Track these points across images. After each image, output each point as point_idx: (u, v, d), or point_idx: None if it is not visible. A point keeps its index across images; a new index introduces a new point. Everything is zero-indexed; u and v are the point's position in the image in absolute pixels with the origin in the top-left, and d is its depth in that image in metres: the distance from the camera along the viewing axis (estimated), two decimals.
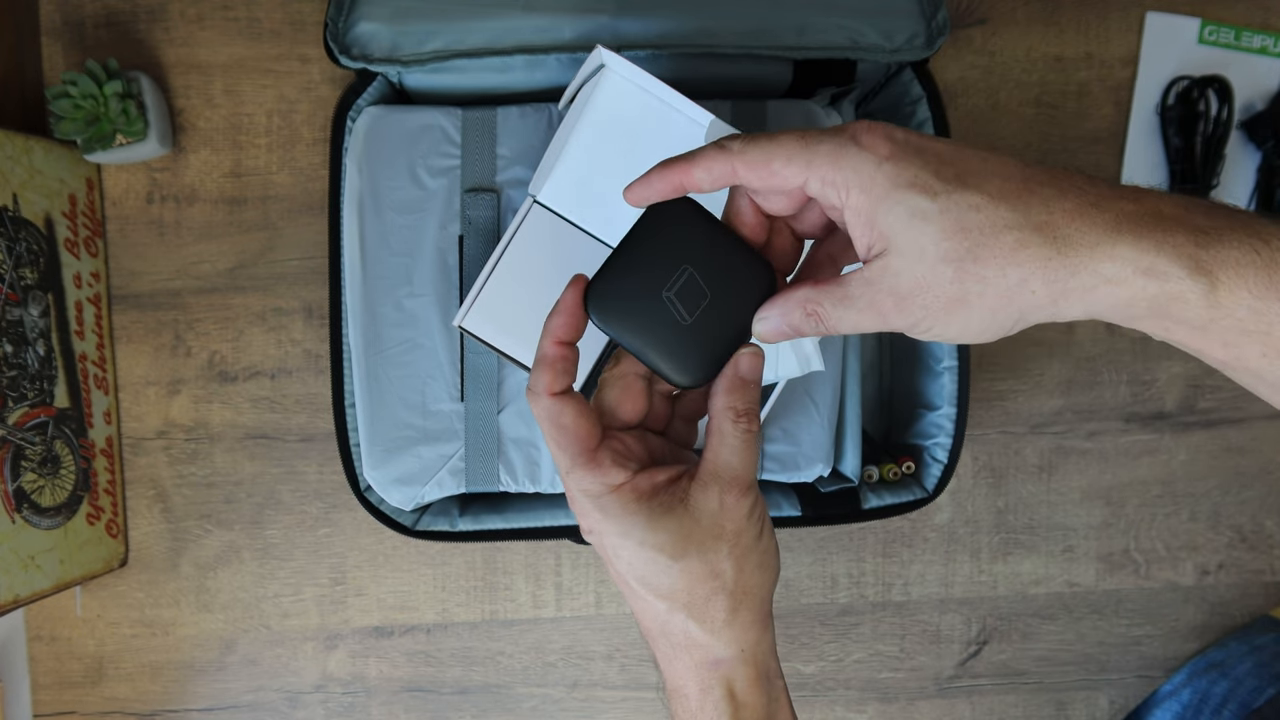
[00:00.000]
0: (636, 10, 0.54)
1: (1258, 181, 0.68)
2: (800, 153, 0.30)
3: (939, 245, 0.28)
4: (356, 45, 0.55)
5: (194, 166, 0.66)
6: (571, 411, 0.33)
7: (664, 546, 0.33)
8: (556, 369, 0.33)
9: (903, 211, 0.29)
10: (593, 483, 0.33)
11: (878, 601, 0.70)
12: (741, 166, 0.31)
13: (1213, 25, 0.68)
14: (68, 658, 0.68)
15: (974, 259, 0.28)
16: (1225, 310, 0.27)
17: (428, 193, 0.55)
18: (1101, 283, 0.28)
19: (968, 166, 0.29)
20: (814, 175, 0.30)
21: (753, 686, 0.34)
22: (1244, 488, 0.70)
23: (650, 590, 0.34)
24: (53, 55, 0.66)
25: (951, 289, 0.29)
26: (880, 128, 0.30)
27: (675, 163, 0.33)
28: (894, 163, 0.29)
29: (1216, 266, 0.27)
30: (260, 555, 0.68)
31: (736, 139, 0.32)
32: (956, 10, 0.67)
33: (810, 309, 0.32)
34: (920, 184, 0.29)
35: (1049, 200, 0.28)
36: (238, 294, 0.66)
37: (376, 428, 0.55)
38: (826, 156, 0.30)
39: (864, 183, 0.29)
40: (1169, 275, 0.27)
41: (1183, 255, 0.27)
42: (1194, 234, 0.27)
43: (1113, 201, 0.28)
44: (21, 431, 0.59)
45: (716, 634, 0.34)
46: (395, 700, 0.69)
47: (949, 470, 0.60)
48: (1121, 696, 0.71)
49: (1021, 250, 0.28)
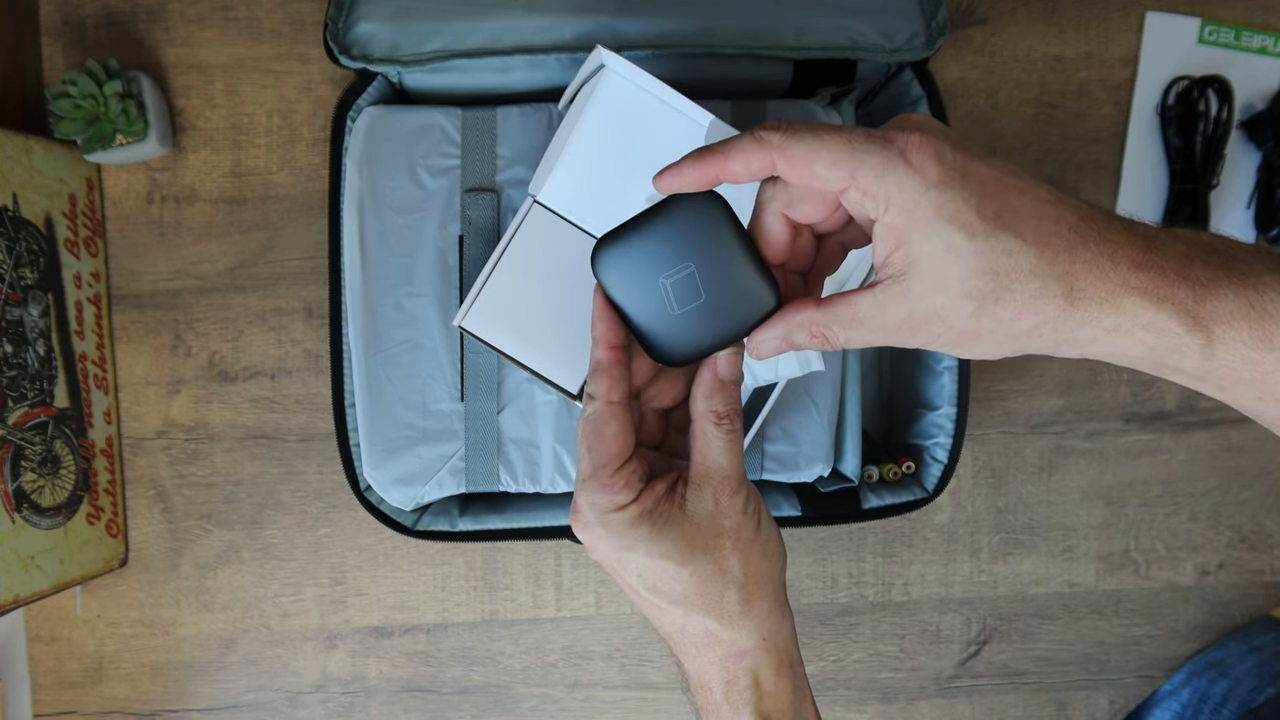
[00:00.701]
0: (636, 10, 0.54)
1: (1258, 181, 0.68)
2: (846, 158, 0.30)
3: (965, 283, 0.29)
4: (356, 45, 0.55)
5: (194, 166, 0.66)
6: (617, 424, 0.34)
7: (669, 554, 0.34)
8: (614, 375, 0.34)
9: (939, 243, 0.29)
10: (602, 498, 0.34)
11: (878, 601, 0.70)
12: (782, 161, 0.31)
13: (1213, 25, 0.68)
14: (68, 658, 0.68)
15: (995, 300, 0.29)
16: (1220, 361, 0.29)
17: (428, 193, 0.55)
18: (1104, 334, 0.29)
19: (1008, 202, 0.29)
20: (856, 185, 0.30)
21: (777, 674, 0.35)
22: (1244, 488, 0.70)
23: (663, 598, 0.35)
24: (53, 55, 0.66)
25: (968, 324, 0.29)
26: (930, 144, 0.29)
27: (710, 153, 0.32)
28: (940, 190, 0.29)
29: (1213, 321, 0.28)
30: (260, 555, 0.68)
31: (777, 130, 0.31)
32: (956, 10, 0.67)
33: (816, 331, 0.32)
34: (961, 220, 0.29)
35: (1074, 248, 0.29)
36: (238, 294, 0.66)
37: (376, 428, 0.55)
38: (873, 170, 0.29)
39: (906, 205, 0.29)
40: (1168, 331, 0.28)
41: (1181, 311, 0.28)
42: (1192, 288, 0.28)
43: (1126, 250, 0.29)
44: (21, 431, 0.59)
45: (735, 627, 0.34)
46: (395, 700, 0.69)
47: (949, 470, 0.60)
48: (1121, 696, 0.71)
49: (1041, 300, 0.29)
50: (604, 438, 0.34)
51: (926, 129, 0.30)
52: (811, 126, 0.31)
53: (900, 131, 0.30)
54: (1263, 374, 0.29)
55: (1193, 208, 0.67)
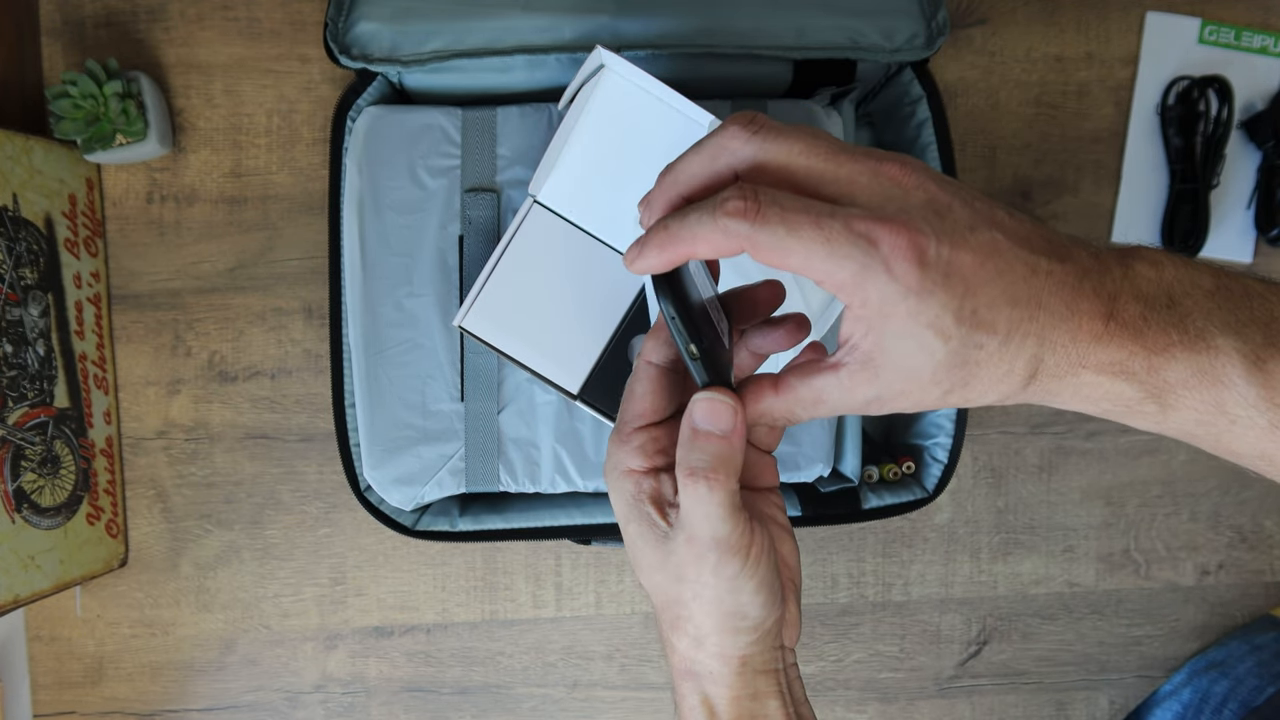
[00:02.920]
0: (636, 10, 0.54)
1: (1258, 181, 0.68)
2: (821, 259, 0.29)
3: (935, 374, 0.30)
4: (356, 45, 0.54)
5: (194, 166, 0.66)
6: (646, 383, 0.34)
7: (643, 552, 0.34)
8: (659, 338, 0.35)
9: (912, 345, 0.29)
10: (616, 453, 0.34)
11: (878, 601, 0.70)
12: (751, 251, 0.30)
13: (1213, 25, 0.68)
14: (68, 658, 0.68)
15: (964, 385, 0.30)
16: (1174, 424, 0.30)
17: (428, 193, 0.55)
18: (1068, 396, 0.31)
19: (985, 296, 0.29)
20: (829, 284, 0.29)
21: (731, 705, 0.34)
22: (1244, 488, 0.70)
23: (641, 578, 0.35)
24: (53, 55, 0.66)
25: (935, 402, 0.31)
26: (915, 244, 0.28)
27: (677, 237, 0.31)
28: (919, 298, 0.28)
29: (1165, 390, 0.29)
30: (260, 555, 0.68)
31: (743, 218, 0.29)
32: (956, 10, 0.67)
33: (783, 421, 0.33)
34: (938, 326, 0.29)
35: (1043, 332, 0.29)
36: (238, 294, 0.66)
37: (376, 428, 0.55)
38: (851, 275, 0.29)
39: (885, 308, 0.29)
40: (1125, 397, 0.30)
41: (1136, 382, 0.30)
42: (1148, 356, 0.29)
43: (1089, 323, 0.30)
44: (21, 431, 0.59)
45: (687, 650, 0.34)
46: (395, 700, 0.69)
47: (949, 470, 0.60)
48: (1122, 696, 0.71)
49: (1006, 381, 0.30)
50: (632, 394, 0.35)
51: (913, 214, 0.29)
52: (783, 213, 0.29)
53: (885, 225, 0.28)
54: (1215, 436, 0.30)
55: (1193, 208, 0.67)
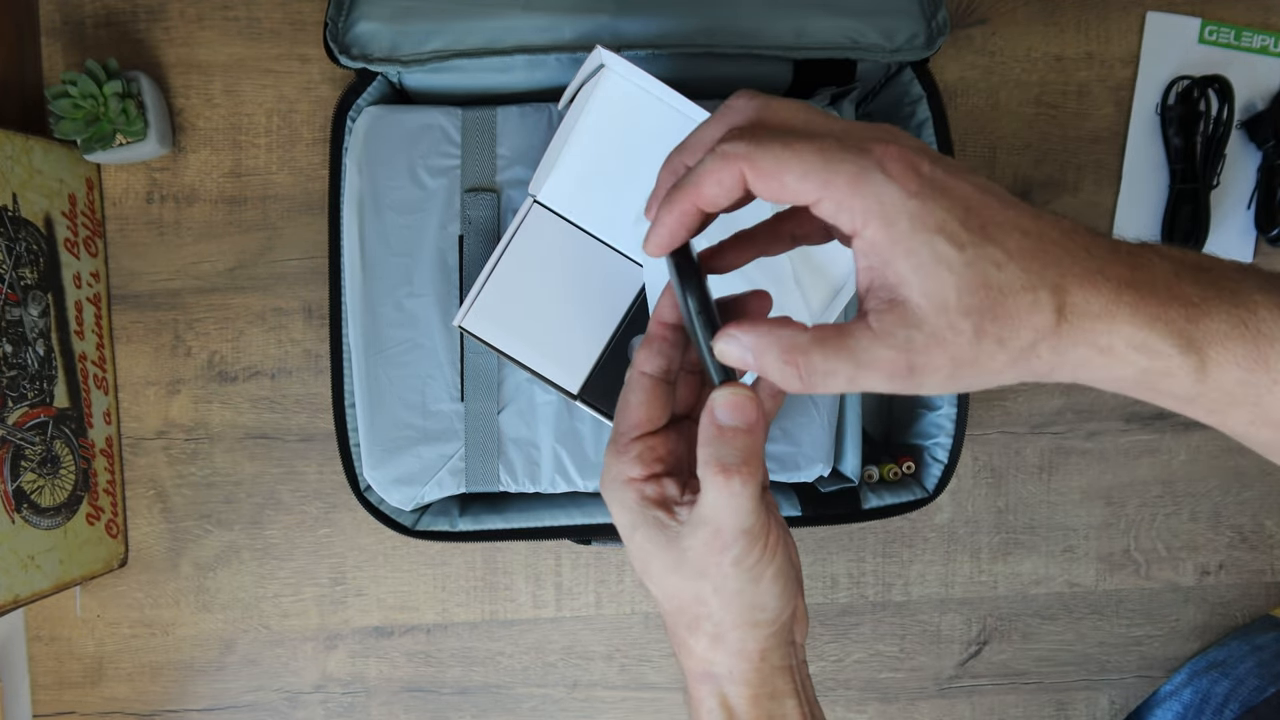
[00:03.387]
0: (636, 10, 0.54)
1: (1258, 181, 0.68)
2: (819, 170, 0.28)
3: (962, 299, 0.27)
4: (356, 45, 0.54)
5: (194, 166, 0.66)
6: (640, 394, 0.34)
7: (655, 557, 0.33)
8: (652, 348, 0.34)
9: (927, 256, 0.27)
10: (615, 464, 0.34)
11: (878, 601, 0.70)
12: (751, 173, 0.29)
13: (1213, 25, 0.68)
14: (67, 658, 0.68)
15: (993, 317, 0.27)
16: (1213, 384, 0.28)
17: (428, 193, 0.55)
18: (1096, 354, 0.28)
19: (991, 216, 0.28)
20: (829, 197, 0.28)
21: (751, 705, 0.33)
22: (1244, 488, 0.70)
23: (651, 586, 0.34)
24: (53, 55, 0.66)
25: (969, 350, 0.27)
26: (907, 156, 0.28)
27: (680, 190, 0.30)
28: (921, 201, 0.27)
29: (1206, 343, 0.27)
30: (260, 555, 0.68)
31: (741, 139, 0.29)
32: (956, 10, 0.67)
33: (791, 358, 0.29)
34: (947, 230, 0.27)
35: (1061, 262, 0.27)
36: (238, 294, 0.66)
37: (376, 428, 0.55)
38: (848, 180, 0.27)
39: (887, 216, 0.27)
40: (1160, 352, 0.27)
41: (1173, 331, 0.27)
42: (1185, 308, 0.27)
43: (1113, 267, 0.27)
44: (21, 431, 0.59)
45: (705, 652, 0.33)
46: (395, 700, 0.69)
47: (949, 470, 0.60)
48: (1122, 696, 0.71)
49: (1036, 313, 0.27)
50: (626, 404, 0.34)
51: (902, 141, 0.28)
52: (780, 134, 0.29)
53: (877, 142, 0.28)
54: (1256, 397, 0.28)
55: (1193, 208, 0.67)
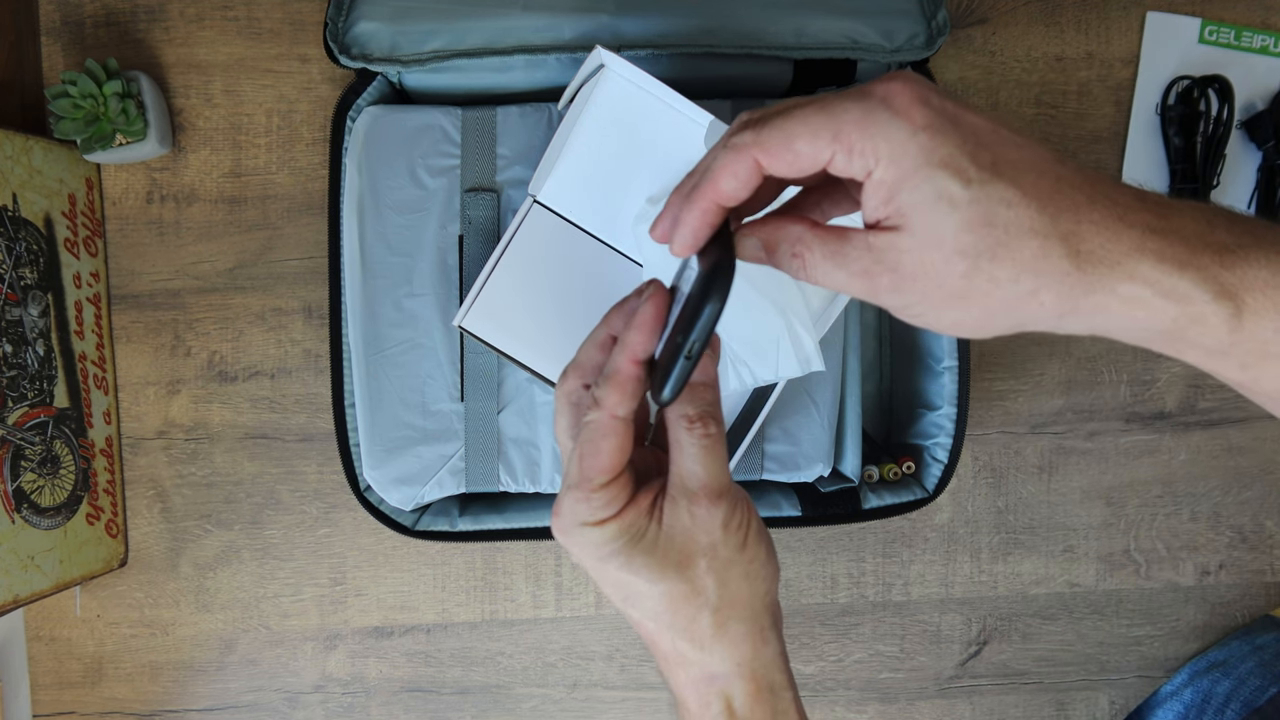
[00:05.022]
0: (636, 10, 0.54)
1: (1258, 181, 0.68)
2: (825, 124, 0.27)
3: (959, 237, 0.26)
4: (356, 45, 0.54)
5: (194, 166, 0.66)
6: (615, 441, 0.32)
7: (640, 570, 0.32)
8: (627, 390, 0.32)
9: (930, 191, 0.26)
10: (584, 509, 0.32)
11: (878, 601, 0.70)
12: (763, 156, 0.28)
13: (1213, 25, 0.68)
14: (67, 658, 0.68)
15: (991, 258, 0.26)
16: (1248, 334, 0.26)
17: (428, 192, 0.55)
18: (1116, 302, 0.26)
19: (1004, 153, 0.27)
20: (841, 147, 0.27)
21: (753, 701, 0.33)
22: (1244, 488, 0.70)
23: (635, 611, 0.33)
24: (53, 55, 0.65)
25: (959, 283, 0.27)
26: (913, 87, 0.27)
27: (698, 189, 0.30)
28: (929, 134, 0.26)
29: (1243, 289, 0.26)
30: (260, 555, 0.68)
31: (747, 128, 0.29)
32: (956, 10, 0.67)
33: (798, 249, 0.29)
34: (954, 165, 0.26)
35: (1078, 207, 0.26)
36: (238, 294, 0.66)
37: (376, 428, 0.55)
38: (855, 124, 0.27)
39: (895, 153, 0.26)
40: (1192, 298, 0.26)
41: (1207, 278, 0.26)
42: (1219, 254, 0.26)
43: (1138, 214, 0.26)
44: (21, 431, 0.59)
45: (706, 650, 0.33)
46: (395, 700, 0.69)
47: (949, 470, 0.60)
48: (1122, 697, 0.71)
49: (1042, 260, 0.26)
50: (599, 451, 0.32)
51: (908, 77, 0.27)
52: (781, 107, 0.28)
53: (880, 83, 0.28)
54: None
55: None
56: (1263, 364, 0.27)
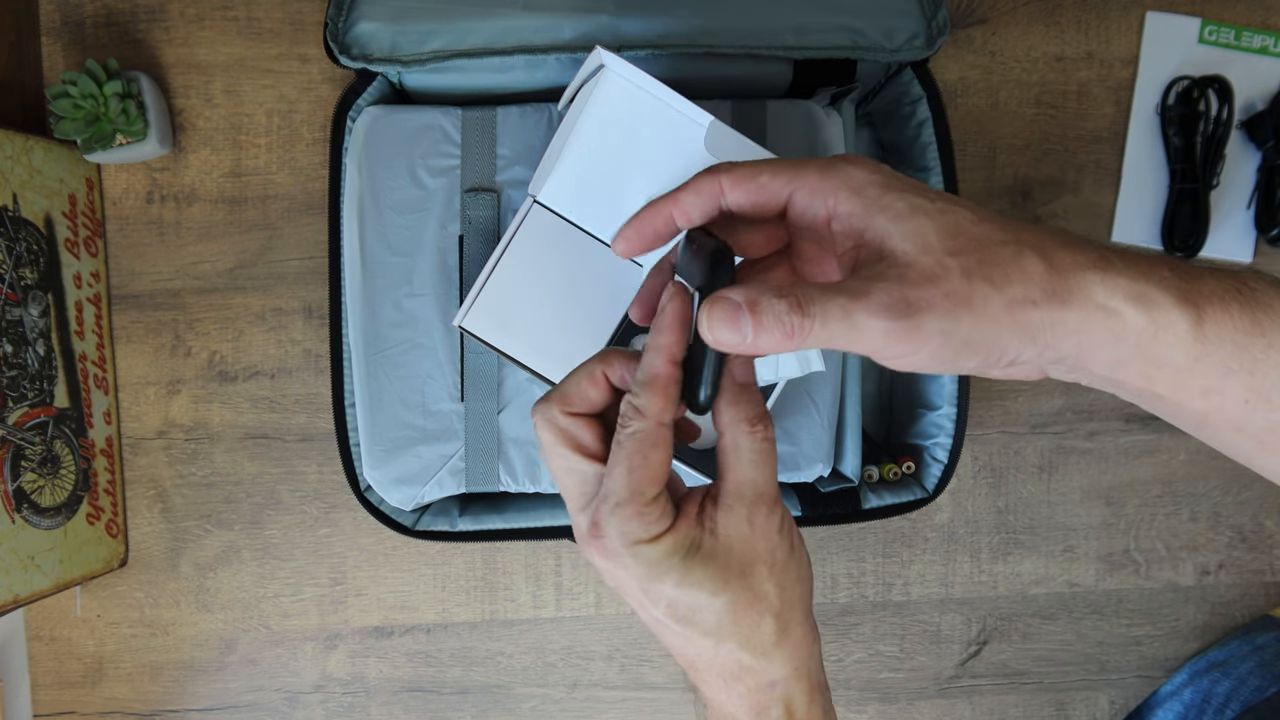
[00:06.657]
0: (636, 10, 0.54)
1: (1258, 181, 0.68)
2: (789, 165, 0.31)
3: (943, 241, 0.28)
4: (356, 45, 0.54)
5: (194, 166, 0.66)
6: (665, 450, 0.31)
7: (702, 584, 0.31)
8: (670, 394, 0.31)
9: (904, 206, 0.29)
10: (637, 527, 0.31)
11: (878, 601, 0.70)
12: (728, 181, 0.32)
13: (1213, 25, 0.68)
14: (67, 658, 0.68)
15: (979, 260, 0.27)
16: (1211, 345, 0.27)
17: (428, 192, 0.55)
18: (1094, 310, 0.27)
19: (952, 200, 0.30)
20: (801, 185, 0.31)
21: (810, 702, 0.33)
22: (1244, 488, 0.70)
23: (694, 629, 0.32)
24: (53, 55, 0.66)
25: (961, 287, 0.27)
26: (868, 160, 0.31)
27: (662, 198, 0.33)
28: (885, 176, 0.30)
29: (1201, 299, 0.27)
30: (260, 555, 0.68)
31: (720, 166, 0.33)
32: (956, 10, 0.67)
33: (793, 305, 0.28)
34: (914, 189, 0.29)
35: (1035, 230, 0.29)
36: (238, 294, 0.66)
37: (376, 428, 0.55)
38: (816, 169, 0.31)
39: (856, 187, 0.30)
40: (1158, 303, 0.27)
41: (1169, 286, 0.27)
42: (1173, 268, 0.28)
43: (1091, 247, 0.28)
44: (21, 431, 0.59)
45: (769, 657, 0.32)
46: (395, 700, 0.69)
47: (949, 470, 0.60)
48: (1122, 696, 0.71)
49: (1020, 260, 0.27)
50: (649, 462, 0.30)
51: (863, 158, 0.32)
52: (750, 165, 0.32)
53: (837, 156, 0.32)
54: (1252, 364, 0.27)
55: (1193, 208, 0.67)
56: (1225, 384, 0.28)
